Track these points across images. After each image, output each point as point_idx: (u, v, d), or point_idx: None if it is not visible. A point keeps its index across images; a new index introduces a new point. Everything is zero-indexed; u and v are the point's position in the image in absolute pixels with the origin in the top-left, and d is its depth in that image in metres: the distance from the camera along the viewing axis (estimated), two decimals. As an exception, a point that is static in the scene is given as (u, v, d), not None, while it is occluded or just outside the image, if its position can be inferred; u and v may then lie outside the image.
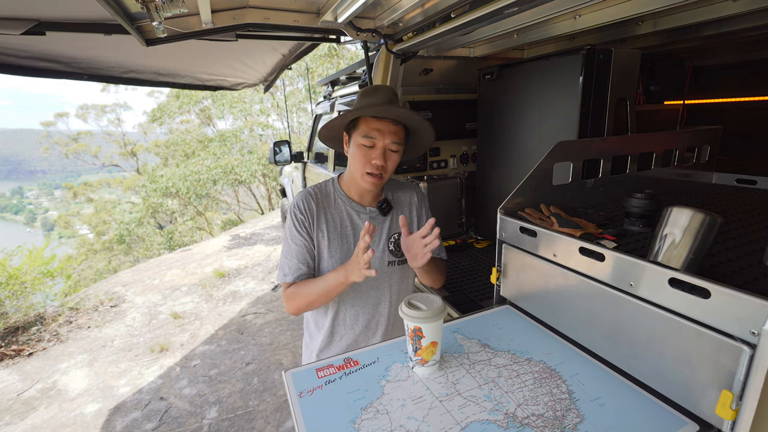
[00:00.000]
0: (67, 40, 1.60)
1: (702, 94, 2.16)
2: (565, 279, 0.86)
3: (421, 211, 1.29)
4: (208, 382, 2.83)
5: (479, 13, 1.16)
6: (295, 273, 1.13)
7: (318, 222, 1.15)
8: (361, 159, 1.10)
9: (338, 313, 1.20)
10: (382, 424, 0.68)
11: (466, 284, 1.73)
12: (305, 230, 1.13)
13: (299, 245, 1.13)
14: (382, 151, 1.09)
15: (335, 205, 1.18)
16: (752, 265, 0.81)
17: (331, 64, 10.29)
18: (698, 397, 0.63)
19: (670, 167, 1.46)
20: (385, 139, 1.09)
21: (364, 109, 1.07)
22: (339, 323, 1.21)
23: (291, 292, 1.13)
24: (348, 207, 1.19)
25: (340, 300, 1.19)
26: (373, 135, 1.08)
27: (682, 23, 1.36)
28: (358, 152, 1.10)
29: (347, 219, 1.18)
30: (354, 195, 1.20)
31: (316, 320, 1.25)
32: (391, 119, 1.10)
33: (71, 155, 16.32)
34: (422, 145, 1.25)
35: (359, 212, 1.19)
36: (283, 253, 1.16)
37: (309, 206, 1.15)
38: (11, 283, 3.88)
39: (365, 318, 1.21)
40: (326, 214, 1.16)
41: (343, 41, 1.89)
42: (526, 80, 1.74)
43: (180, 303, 4.16)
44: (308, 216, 1.14)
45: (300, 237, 1.13)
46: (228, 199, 12.24)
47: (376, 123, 1.09)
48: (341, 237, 1.16)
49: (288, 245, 1.15)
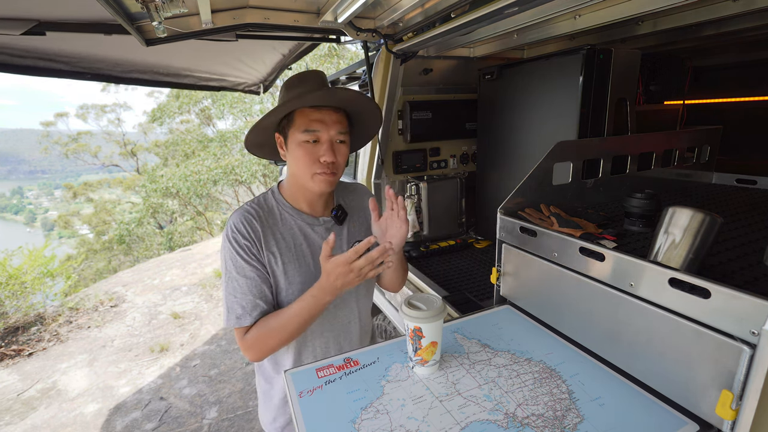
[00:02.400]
0: (68, 39, 1.60)
1: (702, 94, 2.17)
2: (565, 279, 0.86)
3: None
4: (208, 382, 2.83)
5: (479, 13, 1.16)
6: (252, 313, 0.92)
7: (266, 245, 0.95)
8: (307, 158, 0.93)
9: (304, 347, 1.04)
10: (382, 424, 0.68)
11: (466, 284, 1.73)
12: (254, 257, 0.93)
13: (251, 277, 0.93)
14: (329, 144, 0.94)
15: (283, 222, 1.00)
16: (752, 265, 0.81)
17: (331, 64, 10.29)
18: (698, 397, 0.63)
19: (670, 167, 1.46)
20: (330, 131, 0.94)
21: (299, 99, 0.89)
22: (307, 358, 1.04)
23: (256, 336, 0.92)
24: (299, 221, 1.01)
25: (306, 332, 1.00)
26: (315, 127, 0.92)
27: (682, 23, 1.36)
28: (300, 151, 0.94)
29: (300, 235, 1.00)
30: (303, 205, 1.02)
31: (275, 361, 1.05)
32: (331, 107, 0.95)
33: (71, 155, 16.32)
34: (367, 134, 1.11)
35: (312, 225, 1.02)
36: (228, 292, 0.93)
37: (252, 228, 0.94)
38: (11, 283, 3.88)
39: (336, 344, 1.07)
40: (274, 234, 0.97)
41: (343, 41, 1.89)
42: (526, 80, 1.74)
43: (180, 303, 4.16)
44: (254, 241, 0.94)
45: (250, 267, 0.93)
46: (228, 199, 12.24)
47: (315, 114, 0.93)
48: (297, 258, 0.98)
49: (234, 280, 0.93)
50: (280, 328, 0.91)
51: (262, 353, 0.94)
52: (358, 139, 1.12)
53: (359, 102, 0.98)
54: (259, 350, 0.94)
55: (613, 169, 1.28)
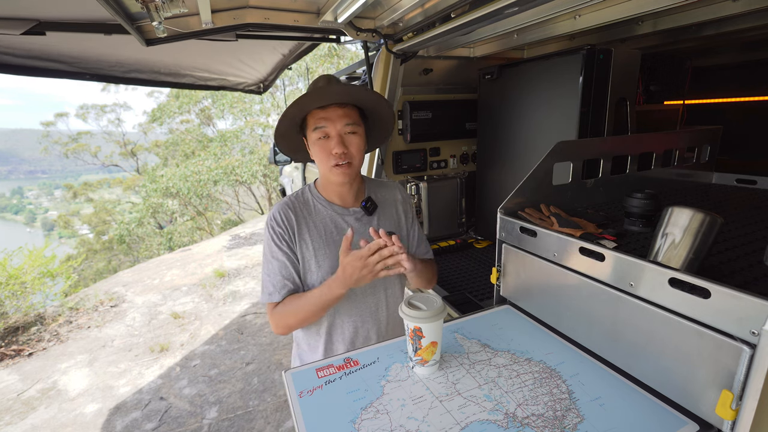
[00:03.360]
0: (68, 40, 1.60)
1: (702, 94, 2.17)
2: (565, 279, 0.86)
3: (407, 207, 1.24)
4: (208, 382, 2.83)
5: (479, 13, 1.16)
6: (281, 291, 1.05)
7: (300, 233, 1.07)
8: (322, 153, 1.04)
9: (333, 329, 1.12)
10: (382, 424, 0.68)
11: (466, 284, 1.73)
12: (285, 244, 1.06)
13: (281, 260, 1.06)
14: (338, 138, 1.02)
15: (316, 212, 1.11)
16: (752, 265, 0.81)
17: (331, 63, 10.29)
18: (698, 397, 0.63)
19: (670, 167, 1.46)
20: (337, 125, 1.02)
21: (302, 104, 1.00)
22: (336, 339, 1.13)
23: (280, 312, 1.05)
24: (330, 211, 1.12)
25: (335, 314, 1.11)
26: (322, 124, 1.02)
27: (682, 23, 1.36)
28: (316, 148, 1.04)
29: (331, 224, 1.11)
30: (334, 197, 1.13)
31: (308, 341, 1.16)
32: (335, 103, 1.03)
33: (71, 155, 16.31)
34: (385, 124, 1.18)
35: (343, 215, 1.12)
36: (264, 272, 1.08)
37: (287, 218, 1.07)
38: (11, 283, 3.88)
39: (364, 330, 1.14)
40: (308, 224, 1.09)
41: (343, 41, 1.89)
42: (526, 80, 1.74)
43: (180, 303, 4.16)
44: (287, 228, 1.06)
45: (281, 252, 1.06)
46: (228, 199, 12.24)
47: (321, 112, 1.03)
48: (327, 244, 1.08)
49: (269, 262, 1.07)
50: (298, 310, 1.03)
51: (283, 329, 1.07)
52: (379, 129, 1.19)
53: (358, 93, 1.04)
54: (281, 326, 1.06)
55: (613, 169, 1.28)
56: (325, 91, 1.00)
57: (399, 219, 1.21)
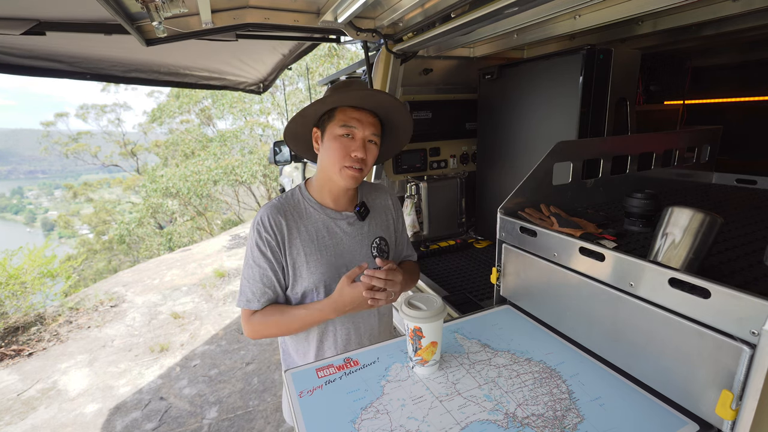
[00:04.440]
0: (68, 40, 1.60)
1: (702, 94, 2.17)
2: (565, 279, 0.86)
3: (397, 214, 1.24)
4: (208, 382, 2.83)
5: (479, 13, 1.16)
6: (260, 299, 1.02)
7: (290, 239, 1.03)
8: (340, 151, 1.00)
9: (325, 336, 1.10)
10: (382, 424, 0.68)
11: (466, 284, 1.73)
12: (270, 251, 1.01)
13: (263, 267, 1.02)
14: (362, 142, 1.01)
15: (308, 216, 1.07)
16: (752, 265, 0.81)
17: (331, 63, 10.29)
18: (698, 397, 0.63)
19: (670, 167, 1.46)
20: (365, 130, 1.01)
21: (344, 98, 0.98)
22: (328, 346, 1.11)
23: (259, 321, 1.02)
24: (323, 215, 1.08)
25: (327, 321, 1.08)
26: (352, 124, 1.00)
27: (682, 23, 1.36)
28: (335, 144, 1.01)
29: (323, 229, 1.07)
30: (327, 200, 1.09)
31: (296, 347, 1.13)
32: (370, 111, 1.03)
33: (71, 155, 16.30)
34: (396, 144, 1.18)
35: (336, 219, 1.09)
36: (244, 276, 1.04)
37: (277, 223, 1.02)
38: (11, 283, 3.88)
39: (357, 335, 1.13)
40: (299, 229, 1.04)
41: (343, 41, 1.89)
42: (526, 80, 1.74)
43: (180, 303, 4.16)
44: (275, 234, 1.01)
45: (264, 258, 1.01)
46: (228, 199, 12.23)
47: (355, 112, 1.01)
48: (319, 250, 1.05)
49: (251, 267, 1.03)
50: (280, 324, 1.02)
51: (256, 335, 1.05)
52: (388, 148, 1.19)
53: (395, 110, 1.05)
54: (259, 334, 1.04)
55: (613, 169, 1.28)
56: (374, 96, 1.00)
57: (389, 225, 1.20)
